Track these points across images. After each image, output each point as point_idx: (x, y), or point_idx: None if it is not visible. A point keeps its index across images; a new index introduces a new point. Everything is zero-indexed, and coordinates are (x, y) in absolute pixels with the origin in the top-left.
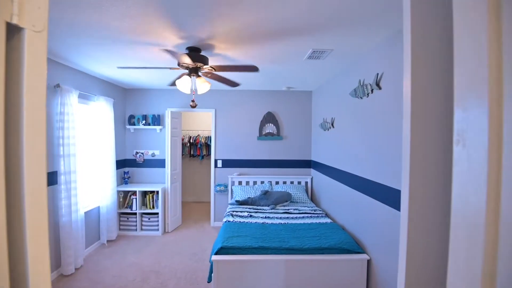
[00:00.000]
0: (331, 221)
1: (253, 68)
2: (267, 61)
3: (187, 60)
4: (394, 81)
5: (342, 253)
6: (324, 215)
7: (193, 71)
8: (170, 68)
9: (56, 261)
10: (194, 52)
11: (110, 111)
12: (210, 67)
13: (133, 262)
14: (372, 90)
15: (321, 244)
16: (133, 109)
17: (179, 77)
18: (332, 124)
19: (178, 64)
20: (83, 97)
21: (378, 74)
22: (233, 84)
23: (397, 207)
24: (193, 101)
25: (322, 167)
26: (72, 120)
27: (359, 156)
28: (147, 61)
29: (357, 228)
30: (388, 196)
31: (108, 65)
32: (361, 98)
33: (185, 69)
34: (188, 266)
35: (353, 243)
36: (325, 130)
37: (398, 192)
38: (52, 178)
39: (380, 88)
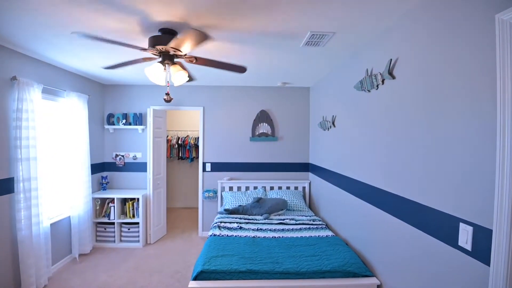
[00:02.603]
0: (333, 234)
1: (239, 69)
2: (258, 50)
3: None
4: (415, 67)
5: (347, 276)
6: (324, 226)
7: (167, 58)
8: (144, 60)
9: (15, 281)
10: (166, 34)
11: (84, 108)
12: (192, 57)
13: (104, 282)
14: (383, 81)
15: (321, 266)
16: (112, 107)
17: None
18: (333, 123)
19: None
20: (49, 92)
21: (391, 60)
22: (240, 69)
23: (415, 224)
24: (167, 94)
25: (321, 171)
26: (33, 119)
27: (366, 160)
28: (116, 47)
29: (364, 245)
30: (405, 210)
31: (64, 50)
32: (369, 91)
33: (158, 55)
34: (168, 287)
35: (360, 264)
36: (324, 129)
37: (416, 205)
38: (7, 186)
39: (393, 78)
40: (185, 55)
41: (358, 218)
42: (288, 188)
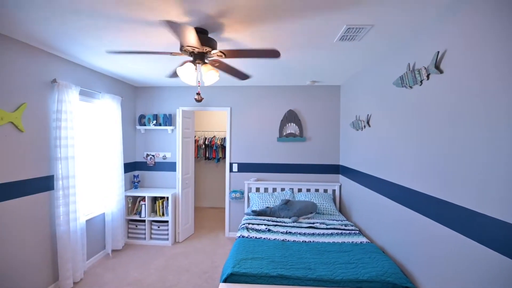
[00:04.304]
0: (367, 240)
1: (273, 53)
2: (289, 48)
3: (192, 39)
4: (467, 60)
5: (385, 287)
6: (357, 232)
7: (199, 58)
8: (171, 54)
9: (54, 274)
10: (201, 34)
11: (118, 110)
12: (220, 52)
13: (135, 279)
14: (428, 76)
15: (358, 274)
16: (143, 108)
17: (182, 65)
18: (368, 123)
19: (181, 49)
20: (85, 94)
21: (438, 52)
22: (243, 76)
23: (469, 234)
24: (198, 93)
25: (353, 174)
26: (71, 119)
27: (407, 162)
28: (145, 47)
29: (404, 255)
30: (455, 218)
31: (99, 54)
32: (411, 87)
33: (189, 54)
34: (196, 287)
35: (400, 275)
36: (357, 129)
37: (470, 213)
38: (48, 183)
39: (441, 72)
40: (210, 51)
41: (397, 224)
42: (317, 190)
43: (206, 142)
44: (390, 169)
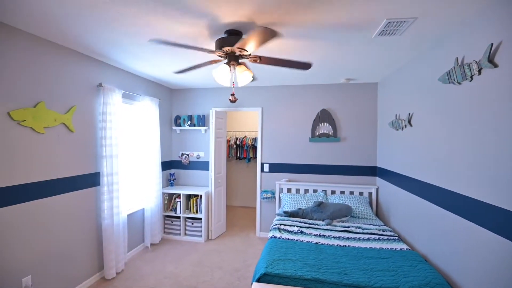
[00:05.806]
0: (408, 247)
1: (304, 66)
2: (324, 45)
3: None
4: None
5: None
6: (396, 238)
7: (232, 59)
8: (211, 62)
9: (99, 263)
10: (233, 36)
11: (156, 111)
12: (256, 56)
13: (171, 273)
14: (479, 70)
15: (398, 283)
16: (179, 110)
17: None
18: (409, 122)
19: (216, 49)
20: (127, 96)
21: (492, 45)
22: (305, 65)
23: None
24: (232, 94)
25: (392, 176)
26: (115, 120)
27: (456, 164)
28: (185, 53)
29: (450, 263)
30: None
31: (147, 61)
32: (459, 83)
33: (224, 57)
34: (229, 285)
35: (446, 285)
36: (397, 129)
37: None
38: (95, 179)
39: (495, 66)
40: (250, 55)
41: (443, 232)
42: (351, 193)
43: (237, 142)
44: (437, 172)
